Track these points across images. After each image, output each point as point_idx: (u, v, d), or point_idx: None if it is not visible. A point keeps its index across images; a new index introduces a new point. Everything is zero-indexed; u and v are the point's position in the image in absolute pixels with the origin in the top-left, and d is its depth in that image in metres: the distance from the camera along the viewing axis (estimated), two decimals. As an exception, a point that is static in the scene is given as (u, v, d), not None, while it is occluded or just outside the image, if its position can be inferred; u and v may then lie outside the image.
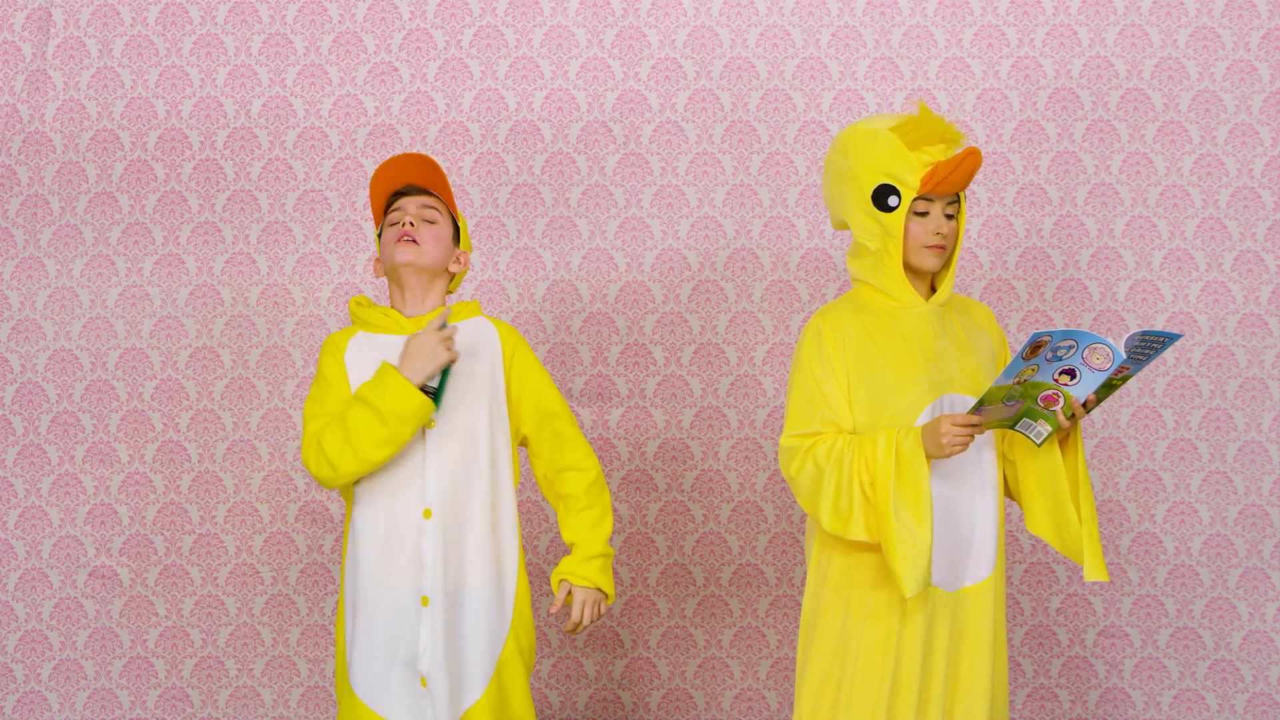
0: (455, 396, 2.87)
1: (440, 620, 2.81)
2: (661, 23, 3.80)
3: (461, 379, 2.89)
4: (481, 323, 2.98)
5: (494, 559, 2.88)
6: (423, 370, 2.77)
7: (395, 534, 2.84)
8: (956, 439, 2.64)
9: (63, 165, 3.84)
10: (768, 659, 3.80)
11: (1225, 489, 3.75)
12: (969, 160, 2.71)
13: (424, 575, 2.82)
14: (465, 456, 2.87)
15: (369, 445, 2.77)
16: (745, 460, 3.79)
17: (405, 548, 2.83)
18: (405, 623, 2.82)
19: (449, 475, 2.85)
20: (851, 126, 2.83)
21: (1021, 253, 3.77)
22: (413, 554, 2.83)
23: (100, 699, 3.83)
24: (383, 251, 2.93)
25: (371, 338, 2.92)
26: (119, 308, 3.84)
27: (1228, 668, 3.74)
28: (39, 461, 3.83)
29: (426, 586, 2.82)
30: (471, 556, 2.85)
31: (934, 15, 3.77)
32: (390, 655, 2.83)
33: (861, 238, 2.80)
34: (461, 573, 2.84)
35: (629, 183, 3.80)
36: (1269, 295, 3.73)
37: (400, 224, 2.89)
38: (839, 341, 2.77)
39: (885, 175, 2.74)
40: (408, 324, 2.91)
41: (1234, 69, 3.74)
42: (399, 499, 2.84)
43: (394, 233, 2.89)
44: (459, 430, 2.87)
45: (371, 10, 3.82)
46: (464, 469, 2.86)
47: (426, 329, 2.79)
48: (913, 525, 2.65)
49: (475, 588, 2.85)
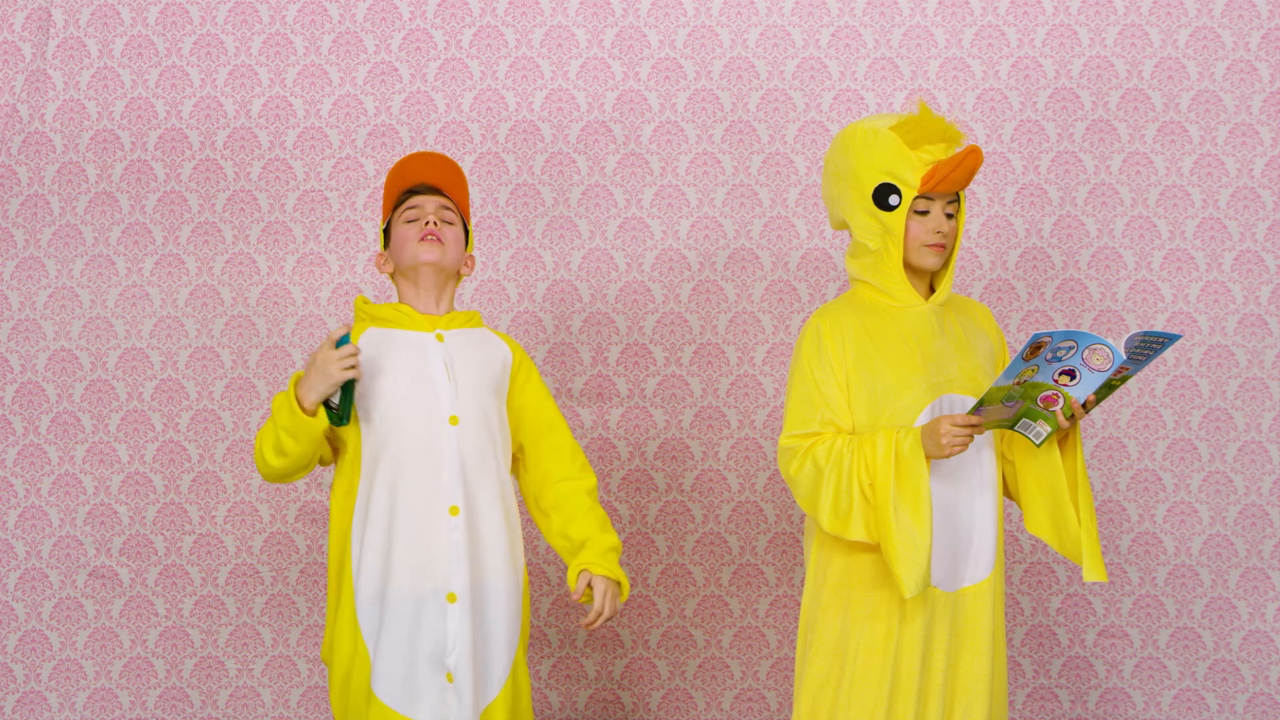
0: (472, 395, 2.87)
1: (467, 616, 2.81)
2: (661, 23, 3.80)
3: (476, 377, 2.90)
4: (485, 333, 3.00)
5: (510, 555, 2.89)
6: (315, 389, 2.74)
7: (424, 531, 2.82)
8: (956, 439, 2.64)
9: (63, 165, 3.84)
10: (768, 659, 3.80)
11: (1225, 489, 3.75)
12: (970, 159, 2.71)
13: (452, 572, 2.81)
14: (482, 453, 2.88)
15: (270, 452, 2.81)
16: (745, 460, 3.79)
17: (432, 544, 2.82)
18: (431, 619, 2.81)
19: (471, 472, 2.85)
20: (851, 126, 2.83)
21: (1021, 253, 3.77)
22: (441, 550, 2.82)
23: (100, 699, 3.83)
24: (397, 248, 2.91)
25: (386, 333, 2.91)
26: (119, 308, 3.84)
27: (1228, 668, 3.74)
28: (39, 461, 3.84)
29: (455, 583, 2.81)
30: (492, 552, 2.86)
31: (934, 15, 3.77)
32: (416, 653, 2.81)
33: (862, 237, 2.80)
34: (484, 568, 2.85)
35: (629, 183, 3.80)
36: (1269, 295, 3.73)
37: (422, 221, 2.89)
38: (838, 341, 2.77)
39: (886, 174, 2.74)
40: (421, 320, 2.91)
41: (1234, 69, 3.73)
42: (425, 496, 2.83)
43: (414, 230, 2.89)
44: (476, 427, 2.87)
45: (371, 10, 3.82)
46: (482, 466, 2.87)
47: (323, 345, 2.75)
48: (912, 526, 2.65)
49: (496, 584, 2.86)
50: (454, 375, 2.88)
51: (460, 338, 2.94)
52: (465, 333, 2.96)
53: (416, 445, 2.84)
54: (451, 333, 2.93)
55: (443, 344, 2.91)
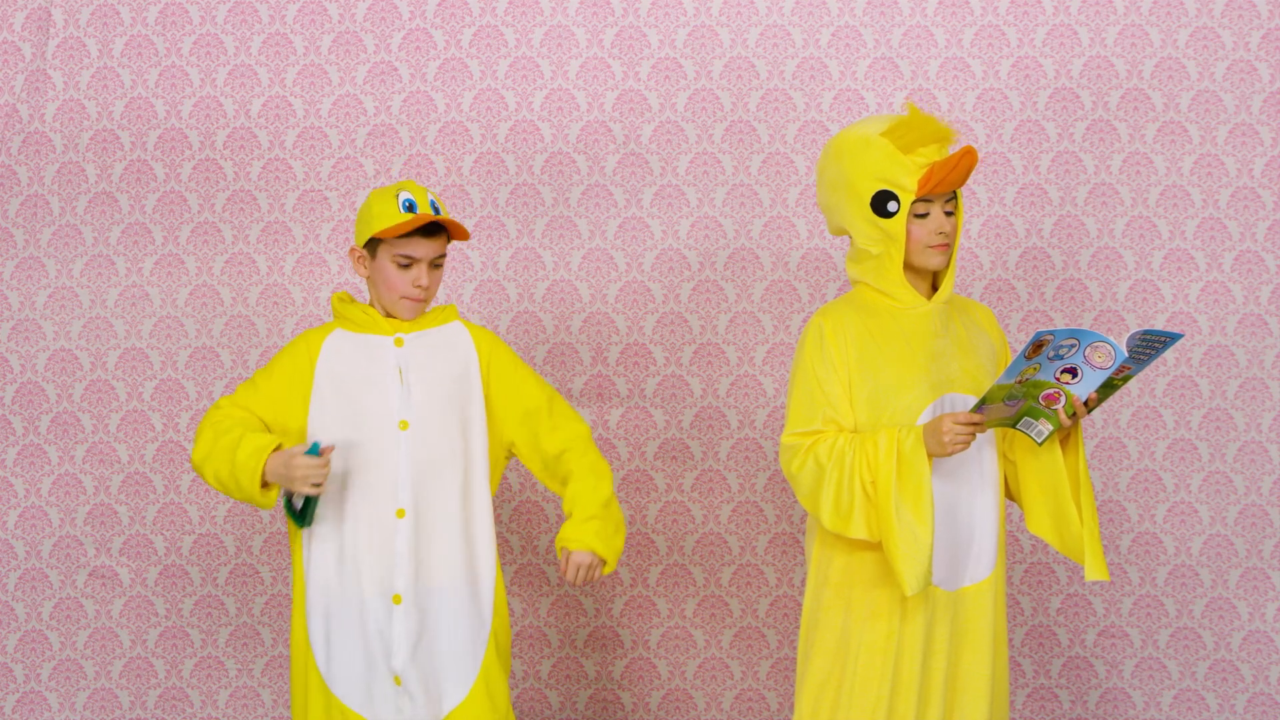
0: (426, 399, 2.89)
1: (413, 618, 2.85)
2: (661, 23, 3.80)
3: (433, 382, 2.92)
4: (457, 328, 3.01)
5: (466, 559, 2.91)
6: (284, 483, 2.80)
7: (370, 533, 2.86)
8: (958, 437, 2.64)
9: (63, 165, 3.84)
10: (768, 659, 3.80)
11: (1225, 489, 3.75)
12: (965, 160, 2.70)
13: (396, 574, 2.85)
14: (436, 457, 2.90)
15: (210, 474, 2.88)
16: (745, 460, 3.79)
17: (379, 546, 2.86)
18: (379, 621, 2.84)
19: (421, 476, 2.88)
20: (842, 133, 2.82)
21: (1021, 253, 3.77)
22: (386, 552, 2.85)
23: (100, 699, 3.83)
24: (383, 281, 2.92)
25: (350, 336, 2.96)
26: (119, 308, 3.83)
27: (1228, 668, 3.74)
28: (39, 461, 3.83)
29: (399, 585, 2.85)
30: (442, 555, 2.88)
31: (934, 15, 3.77)
32: (367, 654, 2.85)
33: (863, 244, 2.79)
34: (431, 571, 2.87)
35: (629, 183, 3.80)
36: (1269, 295, 3.73)
37: (413, 283, 2.89)
38: (841, 340, 2.77)
39: (882, 181, 2.73)
40: (385, 324, 2.94)
41: (1234, 69, 3.74)
42: (372, 499, 2.87)
43: (405, 281, 2.89)
44: (431, 432, 2.90)
45: (371, 10, 3.82)
46: (435, 470, 2.89)
47: (301, 454, 2.77)
48: (914, 524, 2.65)
49: (446, 585, 2.88)
50: (407, 380, 2.91)
51: (422, 341, 2.95)
52: (430, 334, 2.97)
53: (367, 448, 2.88)
54: (413, 335, 2.95)
55: (401, 348, 2.93)
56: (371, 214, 2.91)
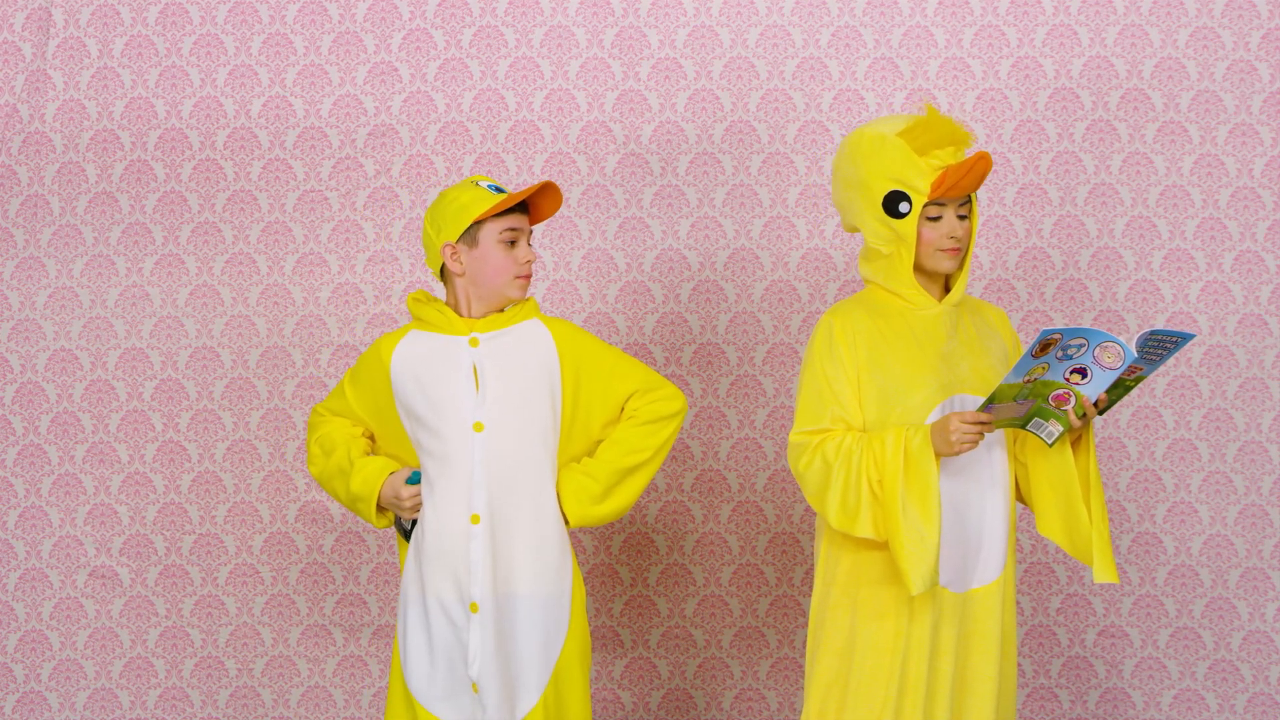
0: (502, 400, 2.85)
1: (490, 627, 2.80)
2: (661, 23, 3.80)
3: (509, 382, 2.86)
4: (535, 325, 2.93)
5: (546, 563, 2.85)
6: (395, 510, 2.91)
7: (443, 539, 2.82)
8: (966, 436, 2.64)
9: (63, 165, 3.84)
10: (768, 659, 3.80)
11: (1225, 489, 3.75)
12: (980, 165, 2.69)
13: (472, 582, 2.81)
14: (514, 461, 2.85)
15: (329, 489, 3.02)
16: (745, 460, 3.79)
17: (453, 553, 2.82)
18: (455, 629, 2.81)
19: (497, 480, 2.83)
20: (858, 131, 2.81)
21: (1021, 253, 3.77)
22: (461, 560, 2.81)
23: (100, 699, 3.83)
24: (488, 268, 2.86)
25: (426, 337, 2.91)
26: (119, 308, 3.84)
27: (1228, 668, 3.74)
28: (39, 461, 3.83)
29: (475, 593, 2.80)
30: (521, 561, 2.83)
31: (934, 15, 3.77)
32: (446, 661, 2.83)
33: (874, 243, 2.78)
34: (511, 578, 2.82)
35: (629, 183, 3.80)
36: (1269, 295, 3.73)
37: (522, 259, 2.87)
38: (850, 339, 2.77)
39: (895, 182, 2.72)
40: (459, 323, 2.89)
41: (1234, 69, 3.74)
42: (446, 505, 2.83)
43: (511, 261, 2.86)
44: (509, 435, 2.84)
45: (371, 10, 3.82)
46: (512, 474, 2.84)
47: (403, 483, 2.88)
48: (920, 523, 2.65)
49: (526, 593, 2.83)
50: (483, 381, 2.85)
51: (498, 340, 2.89)
52: (506, 333, 2.90)
53: (444, 452, 2.84)
54: (489, 335, 2.89)
55: (476, 348, 2.88)
56: (462, 203, 2.84)
